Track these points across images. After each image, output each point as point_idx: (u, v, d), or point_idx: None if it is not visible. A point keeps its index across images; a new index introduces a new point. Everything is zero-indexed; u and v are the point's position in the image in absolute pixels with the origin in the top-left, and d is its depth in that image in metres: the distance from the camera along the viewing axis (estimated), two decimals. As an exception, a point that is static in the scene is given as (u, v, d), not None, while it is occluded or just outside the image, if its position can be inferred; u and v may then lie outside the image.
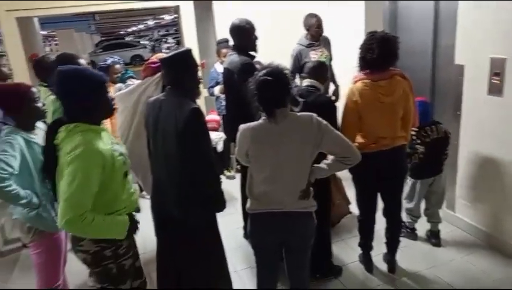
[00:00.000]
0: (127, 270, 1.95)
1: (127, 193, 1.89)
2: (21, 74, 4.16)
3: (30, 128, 2.19)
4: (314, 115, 1.96)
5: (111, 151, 1.77)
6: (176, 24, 29.15)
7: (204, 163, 2.20)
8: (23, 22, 4.73)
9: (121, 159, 1.82)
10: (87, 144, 1.66)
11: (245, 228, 3.43)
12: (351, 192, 3.24)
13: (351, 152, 1.99)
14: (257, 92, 1.93)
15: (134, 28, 34.64)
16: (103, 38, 26.88)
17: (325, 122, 1.95)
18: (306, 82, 2.63)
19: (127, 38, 26.88)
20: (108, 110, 1.88)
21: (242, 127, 2.03)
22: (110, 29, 30.76)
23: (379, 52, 2.41)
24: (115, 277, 1.91)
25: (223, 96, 4.48)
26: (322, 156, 2.07)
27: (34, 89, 2.21)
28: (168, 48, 20.37)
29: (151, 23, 28.96)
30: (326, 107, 2.46)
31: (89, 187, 1.65)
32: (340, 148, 1.98)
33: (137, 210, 2.09)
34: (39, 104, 2.18)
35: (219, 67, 4.47)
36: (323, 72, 2.70)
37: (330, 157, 2.06)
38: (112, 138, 1.91)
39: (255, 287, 2.28)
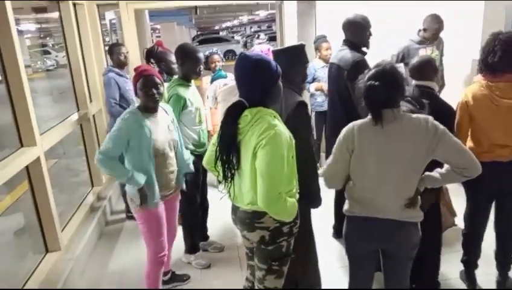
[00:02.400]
0: (291, 249, 1.99)
1: (295, 175, 1.94)
2: (135, 62, 4.53)
3: (150, 110, 2.36)
4: (431, 118, 1.81)
5: (288, 132, 1.85)
6: (269, 20, 29.66)
7: (305, 156, 2.19)
8: (137, 14, 5.15)
9: (292, 140, 1.87)
10: (275, 127, 1.74)
11: (335, 227, 3.37)
12: (456, 203, 3.00)
13: (470, 163, 1.78)
14: (364, 91, 1.82)
15: (228, 24, 35.94)
16: (199, 33, 28.32)
17: (442, 126, 1.78)
18: (414, 82, 2.41)
19: (221, 34, 28.00)
20: (279, 97, 1.93)
21: (349, 125, 1.92)
22: (207, 24, 32.24)
23: (502, 54, 2.17)
24: (283, 255, 1.93)
25: (317, 92, 4.45)
26: (435, 164, 1.90)
27: (155, 76, 2.35)
28: (259, 44, 20.80)
29: (244, 19, 29.74)
30: (447, 116, 2.25)
31: (283, 166, 1.76)
32: (458, 157, 1.79)
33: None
34: (154, 91, 2.31)
35: (317, 63, 4.42)
36: (429, 70, 2.40)
37: (445, 166, 1.88)
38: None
39: (344, 287, 2.20)
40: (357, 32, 2.89)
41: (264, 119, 1.77)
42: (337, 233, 3.31)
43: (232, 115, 1.83)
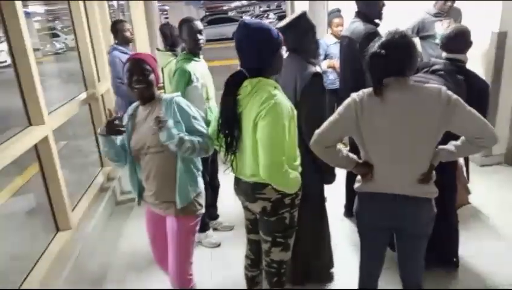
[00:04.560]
0: (295, 222, 1.97)
1: (296, 148, 1.91)
2: (143, 43, 4.47)
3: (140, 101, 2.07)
4: (444, 87, 1.69)
5: (289, 102, 1.81)
6: None
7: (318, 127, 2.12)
8: (145, -8, 5.06)
9: (294, 110, 1.82)
10: (274, 97, 1.70)
11: (346, 206, 3.32)
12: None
13: (486, 132, 1.66)
14: (367, 59, 1.71)
15: (237, 3, 35.47)
16: (207, 13, 27.98)
17: (455, 96, 1.65)
18: (445, 55, 2.29)
19: (230, 14, 27.62)
20: (280, 67, 1.87)
21: (360, 91, 1.78)
22: (216, 3, 31.86)
23: None
24: (286, 227, 1.92)
25: (329, 70, 4.34)
26: (450, 137, 1.79)
27: (143, 61, 1.94)
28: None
29: (253, -2, 29.29)
30: (483, 93, 2.15)
31: (284, 136, 1.73)
32: (473, 127, 1.66)
33: None
34: (140, 78, 1.92)
35: (329, 39, 4.30)
36: (465, 41, 2.26)
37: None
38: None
39: (356, 267, 2.15)
40: (370, 3, 2.75)
41: (264, 89, 1.73)
42: (349, 212, 3.26)
43: (232, 86, 1.79)
